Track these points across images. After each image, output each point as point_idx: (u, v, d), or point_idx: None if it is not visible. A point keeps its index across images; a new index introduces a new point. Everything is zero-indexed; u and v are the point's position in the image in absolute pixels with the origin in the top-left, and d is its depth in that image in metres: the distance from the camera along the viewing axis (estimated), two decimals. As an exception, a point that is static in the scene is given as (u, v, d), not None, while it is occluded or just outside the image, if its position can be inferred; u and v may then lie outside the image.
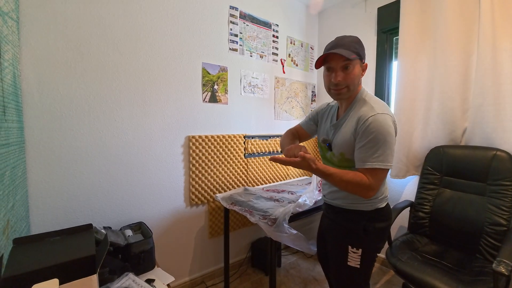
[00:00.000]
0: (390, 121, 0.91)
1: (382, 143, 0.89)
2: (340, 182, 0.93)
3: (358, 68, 0.98)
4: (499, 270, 1.01)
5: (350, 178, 0.91)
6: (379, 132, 0.89)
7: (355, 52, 0.95)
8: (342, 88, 0.97)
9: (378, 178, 0.91)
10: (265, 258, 2.02)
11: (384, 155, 0.89)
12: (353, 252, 1.03)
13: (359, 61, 0.97)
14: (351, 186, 0.91)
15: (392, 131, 0.91)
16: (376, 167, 0.89)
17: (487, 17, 1.44)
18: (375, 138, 0.89)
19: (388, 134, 0.89)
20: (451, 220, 1.52)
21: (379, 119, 0.90)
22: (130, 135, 1.49)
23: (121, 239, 1.20)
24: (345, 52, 0.93)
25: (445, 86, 1.63)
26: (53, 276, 0.71)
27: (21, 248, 0.83)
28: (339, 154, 1.02)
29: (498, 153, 1.42)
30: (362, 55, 0.98)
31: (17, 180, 1.03)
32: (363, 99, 1.00)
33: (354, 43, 0.97)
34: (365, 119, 0.92)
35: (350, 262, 1.04)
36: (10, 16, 1.01)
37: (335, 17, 2.44)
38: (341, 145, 1.01)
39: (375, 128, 0.89)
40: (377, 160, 0.89)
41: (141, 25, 1.49)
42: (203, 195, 1.82)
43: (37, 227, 1.22)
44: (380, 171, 0.90)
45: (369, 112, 0.93)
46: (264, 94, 2.15)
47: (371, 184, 0.90)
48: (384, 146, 0.89)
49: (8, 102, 0.95)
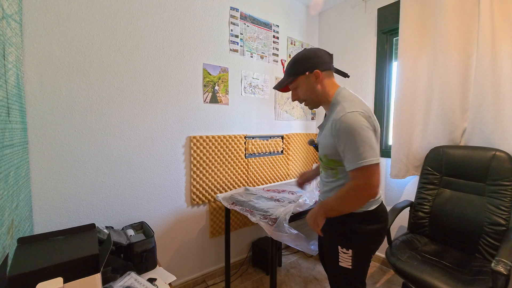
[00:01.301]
0: (359, 116, 0.92)
1: (357, 141, 0.89)
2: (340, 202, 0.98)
3: (304, 82, 1.05)
4: (498, 269, 1.02)
5: (343, 191, 0.96)
6: (350, 132, 0.90)
7: (290, 74, 1.06)
8: (303, 102, 1.11)
9: (368, 174, 0.91)
10: (265, 257, 2.03)
11: (364, 152, 0.89)
12: (344, 252, 1.04)
13: (302, 76, 1.04)
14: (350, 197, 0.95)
15: (362, 125, 0.90)
16: (361, 166, 0.90)
17: (486, 18, 1.45)
18: (349, 139, 0.91)
19: (360, 130, 0.90)
20: (451, 220, 1.53)
21: (347, 119, 0.91)
22: (132, 136, 1.50)
23: (123, 239, 1.21)
24: (281, 81, 1.10)
25: (444, 86, 1.64)
26: (58, 275, 0.72)
27: (26, 248, 0.84)
28: (323, 156, 1.06)
29: (497, 153, 1.43)
30: (301, 71, 1.03)
31: (21, 181, 1.04)
32: (338, 101, 1.01)
33: (290, 65, 1.07)
34: (336, 122, 0.94)
35: (341, 262, 1.05)
36: (13, 18, 1.02)
37: (335, 17, 2.45)
38: (323, 147, 1.05)
39: (345, 129, 0.91)
40: (359, 159, 0.90)
41: (142, 26, 1.50)
42: (204, 195, 1.83)
43: (40, 226, 1.24)
44: (367, 167, 0.90)
45: (339, 113, 0.95)
46: (264, 94, 2.16)
47: (365, 183, 0.91)
48: (359, 143, 0.89)
49: (12, 104, 0.96)
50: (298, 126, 2.49)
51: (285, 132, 2.36)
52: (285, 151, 2.33)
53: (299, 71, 1.04)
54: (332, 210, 1.01)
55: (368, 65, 2.19)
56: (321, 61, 1.03)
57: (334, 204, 1.00)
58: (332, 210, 1.01)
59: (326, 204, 1.02)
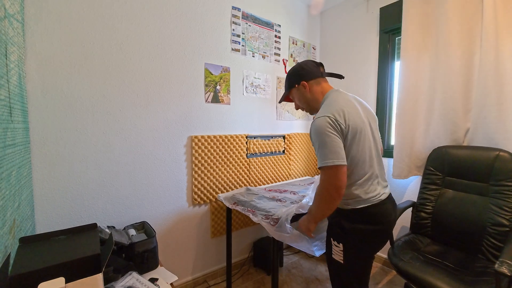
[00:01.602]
0: (324, 122, 0.98)
1: (319, 144, 0.99)
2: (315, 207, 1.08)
3: (296, 93, 1.20)
4: (501, 270, 1.01)
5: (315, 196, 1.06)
6: (314, 136, 1.01)
7: (286, 88, 1.24)
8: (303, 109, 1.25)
9: (328, 174, 0.98)
10: (267, 257, 2.03)
11: (323, 154, 0.97)
12: (336, 245, 1.10)
13: (293, 89, 1.19)
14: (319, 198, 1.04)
15: (324, 130, 0.97)
16: (322, 166, 0.98)
17: (489, 17, 1.43)
18: (314, 141, 1.02)
19: (321, 134, 0.98)
20: (453, 220, 1.52)
21: (314, 124, 1.01)
22: (134, 135, 1.50)
23: (124, 239, 1.21)
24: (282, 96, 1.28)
25: (447, 86, 1.63)
26: (59, 275, 0.72)
27: (28, 247, 0.84)
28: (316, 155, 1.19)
29: (500, 153, 1.42)
30: (291, 84, 1.19)
31: (23, 180, 1.04)
32: (321, 107, 1.12)
33: (286, 81, 1.24)
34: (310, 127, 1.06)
35: (334, 255, 1.12)
36: (15, 18, 1.02)
37: (337, 17, 2.44)
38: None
39: (312, 133, 1.03)
40: (320, 161, 0.99)
41: (144, 26, 1.50)
42: (205, 195, 1.83)
43: (42, 226, 1.24)
44: (326, 168, 0.97)
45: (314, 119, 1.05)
46: (266, 94, 2.16)
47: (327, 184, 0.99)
48: (320, 146, 0.98)
49: (14, 103, 0.96)
50: (299, 126, 2.48)
51: (287, 132, 2.35)
52: (286, 151, 2.32)
53: (290, 85, 1.20)
54: (316, 215, 1.09)
55: (370, 65, 2.18)
56: (306, 72, 1.16)
57: (314, 209, 1.09)
58: (316, 215, 1.09)
59: (310, 211, 1.13)
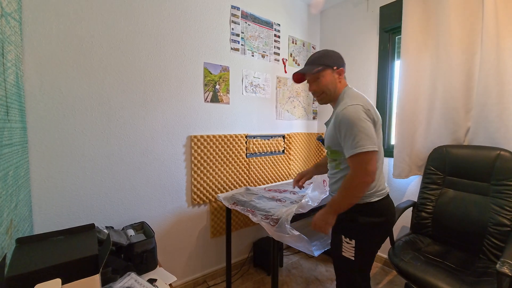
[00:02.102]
0: (359, 109, 0.99)
1: (354, 130, 0.97)
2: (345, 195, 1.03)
3: (330, 75, 1.12)
4: (503, 271, 1.00)
5: (344, 184, 1.03)
6: (348, 122, 0.98)
7: (321, 64, 1.11)
8: (320, 95, 1.15)
9: (363, 161, 0.97)
10: (267, 258, 2.02)
11: (360, 140, 0.96)
12: (347, 242, 1.09)
13: (329, 69, 1.11)
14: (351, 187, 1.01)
15: (361, 116, 0.98)
16: (356, 153, 0.96)
17: (490, 16, 1.43)
18: (347, 128, 0.99)
19: (358, 120, 0.97)
20: (454, 220, 1.51)
21: (348, 111, 1.00)
22: (132, 135, 1.49)
23: (123, 239, 1.20)
24: (309, 68, 1.13)
25: (448, 85, 1.62)
26: (56, 276, 0.71)
27: (24, 248, 0.84)
28: (327, 147, 1.16)
29: (501, 153, 1.41)
30: (330, 64, 1.12)
31: (20, 180, 1.03)
32: (343, 98, 1.11)
33: (320, 57, 1.14)
34: (338, 115, 1.03)
35: (344, 252, 1.10)
36: (13, 17, 1.01)
37: (337, 16, 2.43)
38: (328, 139, 1.14)
39: (345, 119, 0.99)
40: (355, 146, 0.97)
41: (143, 25, 1.49)
42: (205, 195, 1.82)
43: (40, 226, 1.23)
44: (362, 154, 0.96)
45: (342, 107, 1.04)
46: (265, 93, 2.15)
47: (361, 170, 0.97)
48: (356, 132, 0.96)
49: (11, 103, 0.96)
50: (299, 125, 2.48)
51: (287, 131, 2.34)
52: (286, 151, 2.32)
53: (328, 63, 1.11)
54: (340, 206, 1.05)
55: (370, 64, 2.18)
56: (344, 63, 1.16)
57: (340, 199, 1.04)
58: (340, 206, 1.05)
59: (334, 202, 1.06)
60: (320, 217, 1.10)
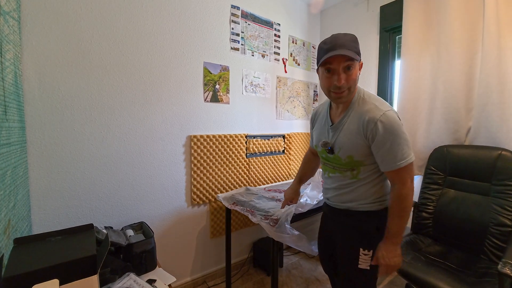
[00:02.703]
0: (396, 116, 0.93)
1: (399, 141, 0.90)
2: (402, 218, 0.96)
3: (357, 69, 0.94)
4: (504, 271, 1.00)
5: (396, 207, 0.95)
6: (393, 133, 0.90)
7: (356, 52, 0.91)
8: (344, 91, 0.93)
9: (410, 171, 0.94)
10: (267, 258, 2.01)
11: (405, 152, 0.91)
12: (365, 254, 1.03)
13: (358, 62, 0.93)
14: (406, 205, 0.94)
15: (401, 124, 0.93)
16: (405, 165, 0.91)
17: (491, 15, 1.42)
18: (394, 138, 0.90)
19: (400, 131, 0.91)
20: (455, 220, 1.50)
21: (388, 119, 0.90)
22: (132, 135, 1.49)
23: (122, 239, 1.19)
24: (349, 52, 0.88)
25: (449, 85, 1.61)
26: (54, 276, 0.70)
27: (22, 248, 0.83)
28: (347, 157, 1.00)
29: (503, 152, 1.40)
30: (359, 54, 0.94)
31: (19, 180, 1.03)
32: (362, 98, 0.98)
33: (353, 42, 0.92)
34: (375, 122, 0.90)
35: (361, 264, 1.03)
36: (11, 16, 1.01)
37: (337, 16, 2.43)
38: (348, 148, 0.99)
39: (388, 127, 0.89)
40: (401, 159, 0.91)
41: (142, 24, 1.48)
42: (204, 195, 1.81)
43: (39, 226, 1.22)
44: (410, 165, 0.93)
45: (376, 112, 0.91)
46: (265, 93, 2.14)
47: (408, 181, 0.94)
48: (401, 143, 0.91)
49: (10, 102, 0.95)
50: (299, 125, 2.47)
51: (287, 131, 2.34)
52: (286, 151, 2.31)
53: (359, 53, 0.93)
54: (399, 233, 0.97)
55: (370, 64, 2.17)
56: None
57: (398, 227, 0.96)
58: (399, 233, 0.97)
59: (393, 235, 0.96)
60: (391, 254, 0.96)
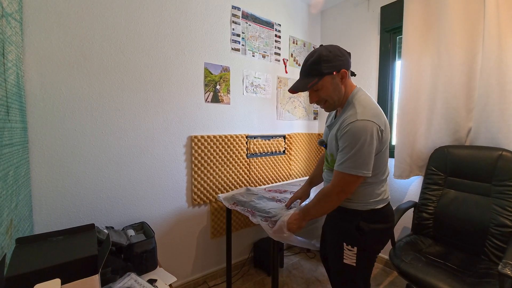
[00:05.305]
0: (370, 128, 0.90)
1: (355, 151, 0.90)
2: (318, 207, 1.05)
3: (330, 82, 0.99)
4: (505, 272, 0.99)
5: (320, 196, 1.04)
6: (353, 141, 0.90)
7: (316, 75, 0.98)
8: (323, 103, 1.06)
9: (345, 182, 0.95)
10: (267, 258, 2.01)
11: (354, 163, 0.91)
12: (349, 249, 1.05)
13: (328, 76, 0.98)
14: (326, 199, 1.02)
15: (368, 139, 0.90)
16: (344, 172, 0.93)
17: (492, 16, 1.42)
18: (349, 145, 0.92)
19: (363, 143, 0.89)
20: (456, 221, 1.50)
21: (356, 127, 0.91)
22: (133, 135, 1.49)
23: (123, 239, 1.20)
24: (301, 84, 1.00)
25: (449, 85, 1.61)
26: (55, 276, 0.71)
27: (24, 248, 0.83)
28: (330, 155, 1.08)
29: (503, 153, 1.40)
30: (327, 71, 0.97)
31: (21, 180, 1.03)
32: (353, 103, 1.00)
33: (314, 64, 0.98)
34: (345, 125, 0.94)
35: (346, 259, 1.06)
36: (13, 17, 1.01)
37: (337, 16, 2.43)
38: (330, 146, 1.06)
39: (351, 135, 0.91)
40: (346, 166, 0.92)
41: (143, 25, 1.49)
42: (205, 195, 1.82)
43: (40, 226, 1.23)
44: (348, 176, 0.93)
45: (351, 117, 0.94)
46: (266, 94, 2.14)
47: (340, 188, 0.96)
48: (356, 154, 0.90)
49: (12, 103, 0.96)
50: (300, 125, 2.47)
51: (287, 131, 2.34)
52: (287, 151, 2.31)
53: (325, 70, 0.97)
54: (310, 214, 1.09)
55: (371, 64, 2.17)
56: (346, 59, 1.00)
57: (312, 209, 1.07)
58: (310, 214, 1.09)
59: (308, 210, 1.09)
60: (293, 222, 1.12)
